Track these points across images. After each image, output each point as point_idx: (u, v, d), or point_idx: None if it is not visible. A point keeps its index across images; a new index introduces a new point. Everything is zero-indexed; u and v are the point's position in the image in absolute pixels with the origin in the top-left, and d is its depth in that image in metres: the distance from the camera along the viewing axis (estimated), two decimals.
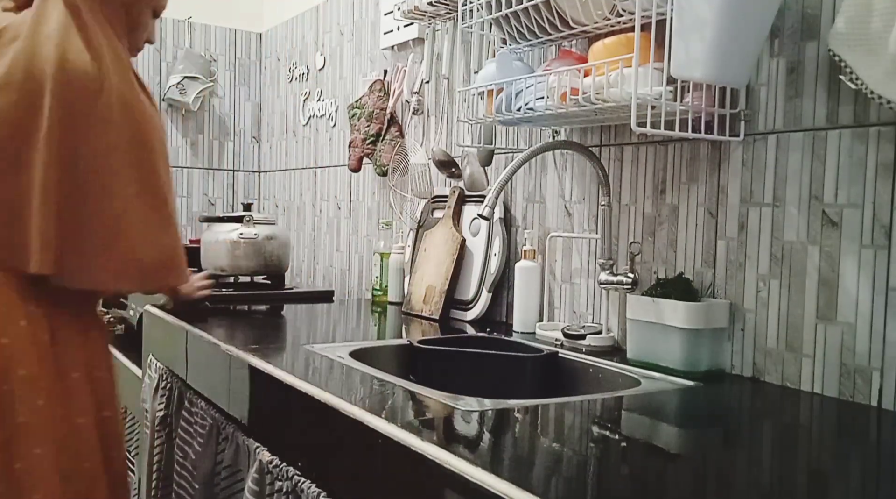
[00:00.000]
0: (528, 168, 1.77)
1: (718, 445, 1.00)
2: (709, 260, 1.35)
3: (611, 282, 1.44)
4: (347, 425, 1.03)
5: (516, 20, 1.51)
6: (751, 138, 1.28)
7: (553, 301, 1.69)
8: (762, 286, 1.26)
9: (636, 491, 0.79)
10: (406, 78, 2.17)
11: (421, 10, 1.97)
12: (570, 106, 1.34)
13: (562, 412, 1.07)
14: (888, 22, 1.02)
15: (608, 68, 1.26)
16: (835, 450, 0.97)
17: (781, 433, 1.03)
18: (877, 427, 1.05)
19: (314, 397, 1.12)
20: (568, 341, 1.52)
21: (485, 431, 0.97)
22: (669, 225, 1.43)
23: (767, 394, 1.20)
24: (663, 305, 1.29)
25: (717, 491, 0.82)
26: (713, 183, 1.35)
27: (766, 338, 1.26)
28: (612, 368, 1.36)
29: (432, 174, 2.04)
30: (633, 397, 1.18)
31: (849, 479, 0.86)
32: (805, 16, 1.20)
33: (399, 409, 1.07)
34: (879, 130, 1.11)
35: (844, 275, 1.15)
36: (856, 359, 1.14)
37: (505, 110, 1.48)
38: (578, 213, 1.63)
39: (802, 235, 1.21)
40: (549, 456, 0.88)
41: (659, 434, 1.02)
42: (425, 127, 2.13)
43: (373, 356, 1.45)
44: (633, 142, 1.50)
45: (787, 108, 1.23)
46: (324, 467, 1.10)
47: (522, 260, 1.70)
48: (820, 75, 1.18)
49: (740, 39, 1.17)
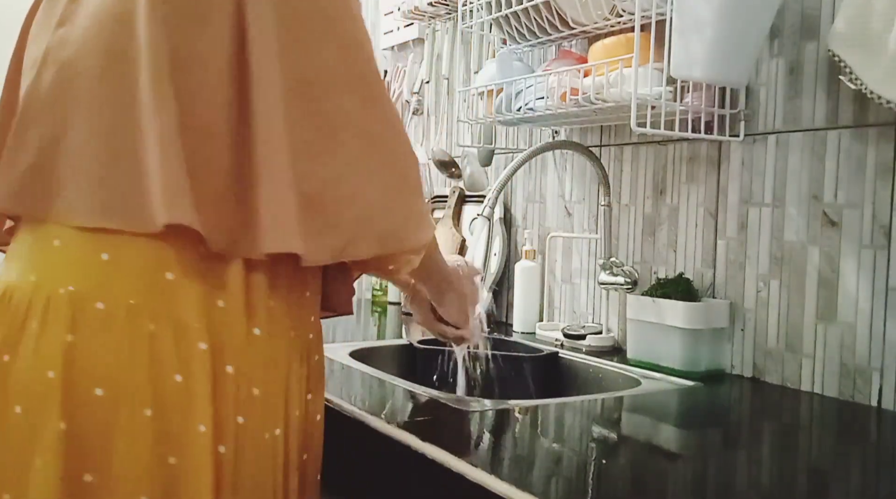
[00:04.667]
0: (528, 168, 1.77)
1: (718, 445, 1.00)
2: (709, 260, 1.35)
3: (611, 282, 1.44)
4: (347, 425, 1.03)
5: (516, 20, 1.51)
6: (751, 138, 1.28)
7: (553, 301, 1.69)
8: (762, 286, 1.26)
9: (636, 491, 0.79)
10: (406, 78, 2.17)
11: (421, 10, 1.97)
12: (570, 106, 1.34)
13: (562, 412, 1.07)
14: (888, 22, 1.02)
15: (608, 68, 1.26)
16: (835, 450, 0.97)
17: (781, 433, 1.03)
18: (877, 427, 1.05)
19: None
20: (568, 341, 1.52)
21: (485, 431, 0.97)
22: (669, 225, 1.43)
23: (767, 394, 1.20)
24: (663, 305, 1.29)
25: (717, 491, 0.82)
26: (713, 183, 1.35)
27: (766, 338, 1.26)
28: (612, 368, 1.36)
29: (432, 174, 2.04)
30: (633, 397, 1.18)
31: (849, 479, 0.86)
32: (805, 16, 1.20)
33: (399, 409, 1.07)
34: (879, 130, 1.11)
35: (844, 275, 1.15)
36: (856, 359, 1.14)
37: (505, 110, 1.48)
38: (578, 213, 1.63)
39: (802, 235, 1.21)
40: (549, 456, 0.88)
41: (659, 434, 1.02)
42: (425, 127, 2.13)
43: (373, 356, 1.45)
44: (633, 142, 1.50)
45: (787, 108, 1.23)
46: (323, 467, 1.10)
47: (522, 260, 1.70)
48: (820, 75, 1.18)
49: (740, 39, 1.17)
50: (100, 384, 0.78)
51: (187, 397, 0.80)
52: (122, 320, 0.79)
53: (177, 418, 0.80)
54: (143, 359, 0.79)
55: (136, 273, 0.81)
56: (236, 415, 0.83)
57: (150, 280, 0.81)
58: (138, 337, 0.79)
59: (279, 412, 0.88)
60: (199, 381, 0.80)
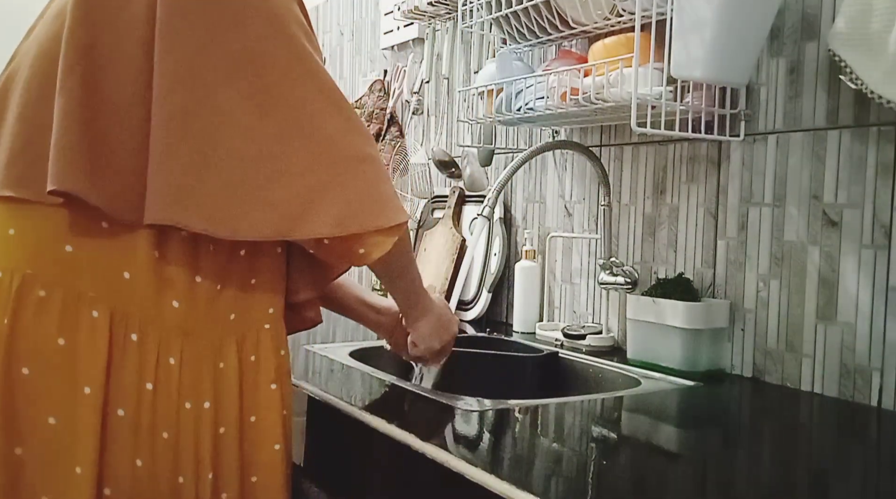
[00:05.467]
0: (528, 168, 1.77)
1: (718, 445, 1.00)
2: (709, 260, 1.35)
3: (611, 282, 1.44)
4: (347, 425, 1.03)
5: (516, 20, 1.51)
6: (751, 138, 1.28)
7: (553, 301, 1.69)
8: (762, 286, 1.26)
9: (636, 491, 0.79)
10: (406, 78, 2.17)
11: (421, 10, 1.97)
12: (570, 106, 1.34)
13: (562, 412, 1.07)
14: (888, 22, 1.02)
15: (608, 68, 1.26)
16: (835, 450, 0.97)
17: (781, 433, 1.03)
18: (877, 427, 1.05)
19: (314, 396, 1.12)
20: (568, 341, 1.52)
21: (485, 431, 0.97)
22: (669, 225, 1.43)
23: (767, 394, 1.20)
24: (663, 305, 1.29)
25: (717, 491, 0.82)
26: (713, 183, 1.35)
27: (766, 338, 1.26)
28: (612, 368, 1.36)
29: (432, 174, 2.04)
30: (633, 397, 1.18)
31: (849, 479, 0.86)
32: (805, 16, 1.20)
33: (399, 409, 1.07)
34: (879, 130, 1.11)
35: (844, 275, 1.15)
36: (856, 359, 1.14)
37: (505, 110, 1.48)
38: (578, 213, 1.63)
39: (802, 235, 1.21)
40: (549, 456, 0.88)
41: (659, 434, 1.02)
42: (425, 127, 2.13)
43: (373, 356, 1.45)
44: (633, 142, 1.50)
45: (787, 108, 1.23)
46: (324, 467, 1.10)
47: (522, 260, 1.70)
48: (820, 75, 1.18)
49: (740, 39, 1.17)
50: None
51: (70, 359, 0.85)
52: (14, 287, 0.86)
53: (57, 379, 0.85)
54: (28, 322, 0.85)
55: (36, 245, 0.88)
56: (143, 381, 0.88)
57: (48, 251, 0.87)
58: (27, 303, 0.85)
59: (204, 385, 0.92)
60: (84, 346, 0.86)
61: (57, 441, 0.84)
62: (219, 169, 0.87)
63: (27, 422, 0.84)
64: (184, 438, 0.90)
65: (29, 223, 0.88)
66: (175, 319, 0.90)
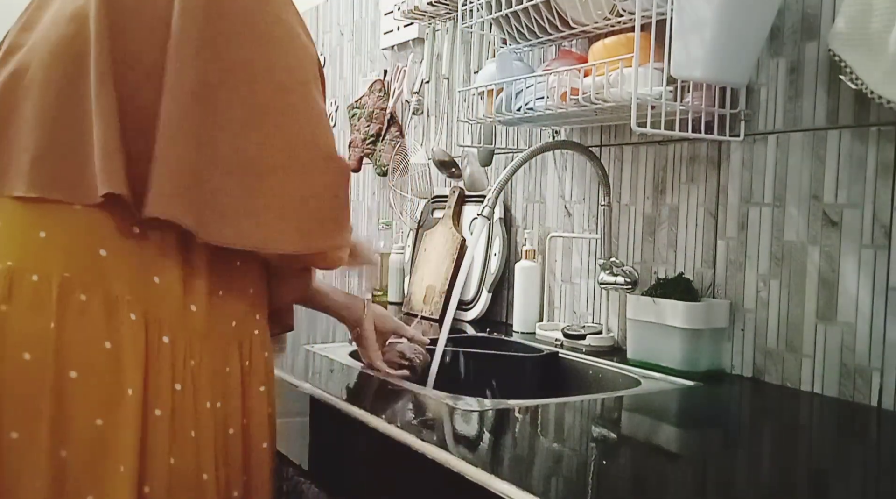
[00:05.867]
0: (528, 168, 1.76)
1: (718, 445, 1.00)
2: (709, 260, 1.35)
3: (611, 282, 1.44)
4: (347, 425, 1.03)
5: (516, 20, 1.51)
6: (751, 138, 1.28)
7: (553, 301, 1.69)
8: (762, 286, 1.26)
9: (636, 491, 0.79)
10: (406, 78, 2.17)
11: (421, 10, 1.97)
12: (570, 106, 1.34)
13: (562, 412, 1.07)
14: (888, 22, 1.02)
15: (608, 68, 1.26)
16: (835, 450, 0.97)
17: (781, 433, 1.03)
18: (877, 427, 1.05)
19: (314, 397, 1.12)
20: (568, 341, 1.52)
21: (485, 431, 0.97)
22: (669, 225, 1.43)
23: (767, 394, 1.20)
24: (663, 305, 1.29)
25: (717, 491, 0.82)
26: (713, 183, 1.35)
27: (766, 338, 1.26)
28: (612, 368, 1.36)
29: (432, 174, 2.04)
30: (633, 397, 1.18)
31: (849, 479, 0.86)
32: (805, 16, 1.20)
33: (399, 409, 1.07)
34: (879, 130, 1.11)
35: (844, 275, 1.15)
36: (856, 359, 1.14)
37: (505, 110, 1.48)
38: (578, 213, 1.63)
39: (802, 235, 1.21)
40: (549, 456, 0.88)
41: (659, 434, 1.02)
42: (425, 127, 2.13)
43: None
44: (633, 142, 1.50)
45: (787, 108, 1.23)
46: (324, 468, 1.10)
47: (522, 260, 1.70)
48: (820, 75, 1.18)
49: (740, 39, 1.17)
50: (28, 349, 0.84)
51: (115, 362, 0.86)
52: (54, 291, 0.86)
53: (104, 381, 0.86)
54: (73, 326, 0.86)
55: (71, 249, 0.88)
56: (173, 382, 0.90)
57: (83, 256, 0.88)
58: (69, 306, 0.86)
59: (217, 387, 0.95)
60: (127, 348, 0.87)
61: (102, 442, 0.86)
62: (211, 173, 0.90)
63: (75, 424, 0.85)
64: (205, 437, 0.93)
65: (60, 226, 0.89)
66: (194, 322, 0.93)
